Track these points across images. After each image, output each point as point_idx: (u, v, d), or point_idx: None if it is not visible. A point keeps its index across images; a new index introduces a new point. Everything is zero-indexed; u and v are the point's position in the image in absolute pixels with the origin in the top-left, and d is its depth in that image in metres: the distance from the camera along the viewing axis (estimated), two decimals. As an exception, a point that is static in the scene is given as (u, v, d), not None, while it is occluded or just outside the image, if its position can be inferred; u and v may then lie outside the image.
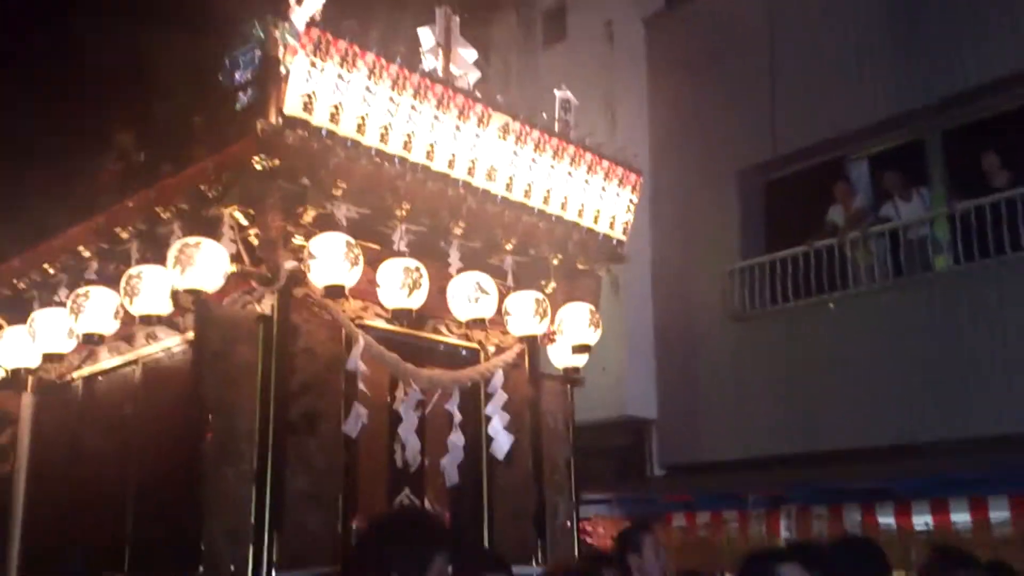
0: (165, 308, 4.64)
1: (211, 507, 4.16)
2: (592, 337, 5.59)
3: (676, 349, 10.15)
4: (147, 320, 4.59)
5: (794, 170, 10.03)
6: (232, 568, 4.13)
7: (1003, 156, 8.54)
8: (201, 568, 4.08)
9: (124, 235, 5.09)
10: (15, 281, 5.76)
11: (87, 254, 5.30)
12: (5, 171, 5.83)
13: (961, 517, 7.36)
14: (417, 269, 4.75)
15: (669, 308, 10.25)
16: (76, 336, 5.06)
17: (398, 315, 4.82)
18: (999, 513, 7.22)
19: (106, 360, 5.43)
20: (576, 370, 5.87)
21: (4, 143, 5.76)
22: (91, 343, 4.83)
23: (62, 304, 5.18)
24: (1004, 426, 7.66)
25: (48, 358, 5.11)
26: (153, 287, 4.58)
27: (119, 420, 5.17)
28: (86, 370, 5.53)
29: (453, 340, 5.40)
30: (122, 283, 4.66)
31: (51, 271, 5.55)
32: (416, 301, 4.75)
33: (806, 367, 9.06)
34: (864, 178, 9.74)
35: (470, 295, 5.00)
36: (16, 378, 5.59)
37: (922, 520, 7.47)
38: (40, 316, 5.11)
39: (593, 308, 5.61)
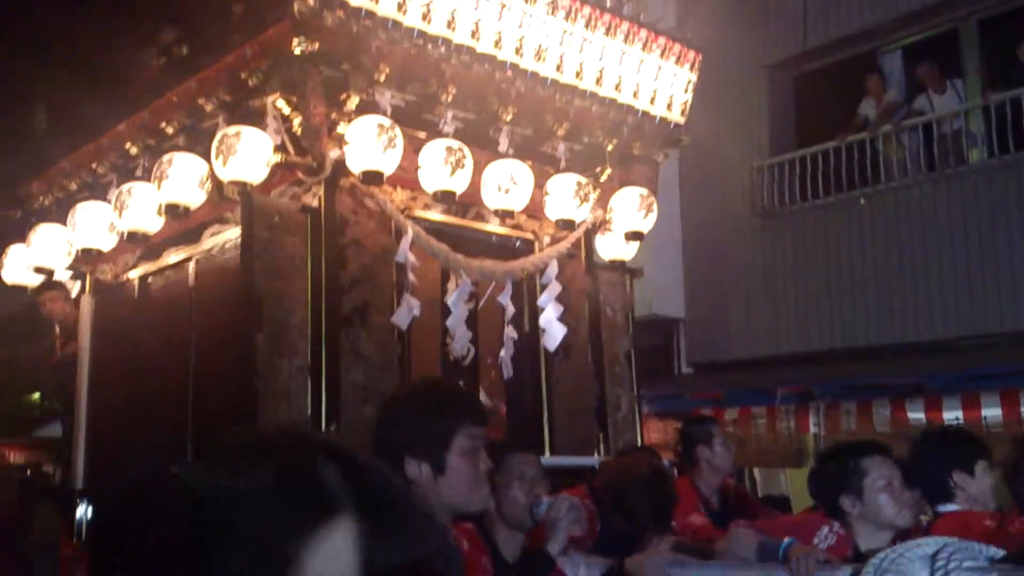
0: (195, 198, 4.53)
1: (266, 401, 4.14)
2: (645, 224, 5.37)
3: (704, 247, 10.00)
4: (174, 210, 4.49)
5: (824, 63, 9.71)
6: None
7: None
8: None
9: (169, 130, 4.99)
10: (65, 182, 5.74)
11: (134, 151, 5.23)
12: (50, 74, 5.74)
13: (992, 412, 7.24)
14: (460, 149, 4.56)
15: (696, 206, 10.03)
16: (119, 233, 5.01)
17: (441, 197, 4.66)
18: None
19: (161, 259, 5.41)
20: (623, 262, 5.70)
21: (47, 44, 5.65)
22: (136, 241, 4.78)
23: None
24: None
25: (86, 254, 5.05)
26: (183, 174, 4.46)
27: (177, 318, 5.16)
28: (141, 269, 5.52)
29: (505, 231, 5.24)
30: (153, 171, 4.55)
31: (100, 171, 5.50)
32: (459, 183, 4.57)
33: (836, 264, 8.97)
34: (897, 70, 9.49)
35: (501, 184, 4.79)
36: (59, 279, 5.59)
37: (953, 415, 7.36)
38: (82, 210, 5.05)
39: (645, 192, 5.37)
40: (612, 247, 5.65)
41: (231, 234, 4.85)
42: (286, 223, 4.43)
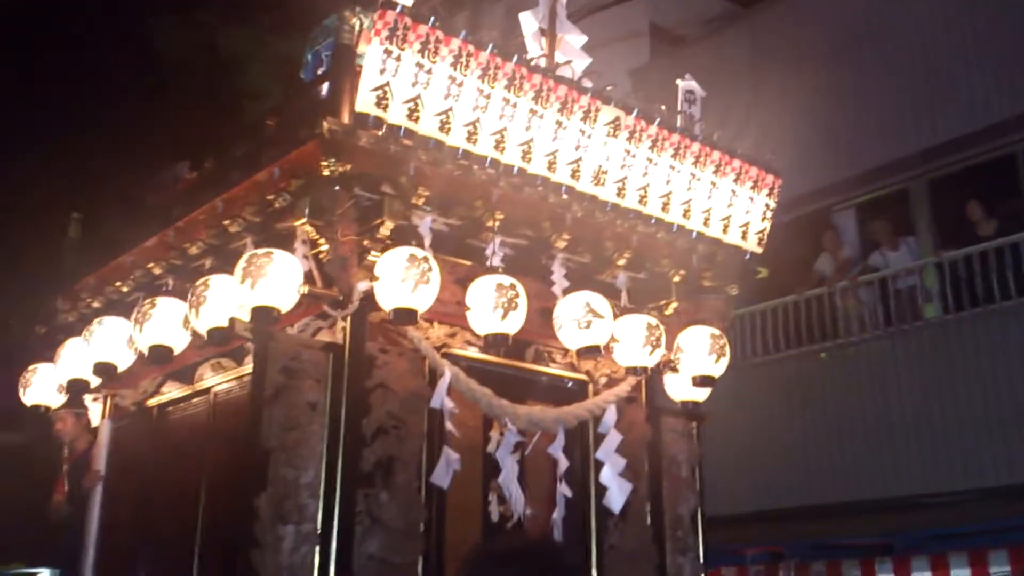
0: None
1: (267, 573, 3.56)
2: (716, 368, 4.72)
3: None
4: (215, 335, 4.00)
5: (782, 220, 9.24)
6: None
7: (988, 205, 8.75)
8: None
9: (194, 250, 4.59)
10: (90, 299, 5.38)
11: (159, 270, 4.84)
12: (81, 184, 5.49)
13: (961, 572, 7.26)
14: (512, 286, 4.02)
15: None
16: (138, 350, 4.56)
17: (492, 341, 4.09)
18: (999, 568, 7.12)
19: (179, 390, 4.96)
20: (696, 404, 5.02)
21: (80, 158, 5.40)
22: (158, 359, 4.30)
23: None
24: (1001, 478, 7.56)
25: (102, 368, 4.61)
26: (221, 297, 4.00)
27: (189, 457, 4.67)
28: (160, 398, 5.08)
29: (556, 370, 4.66)
30: (189, 295, 4.11)
31: (124, 289, 5.13)
32: (512, 324, 4.02)
33: (799, 418, 8.91)
34: (852, 228, 9.92)
35: (580, 319, 4.23)
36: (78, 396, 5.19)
37: (922, 576, 7.28)
38: (101, 325, 4.65)
39: (717, 332, 4.73)
40: (681, 388, 4.99)
41: (232, 373, 4.41)
42: (305, 364, 3.92)
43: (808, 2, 10.55)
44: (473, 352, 4.36)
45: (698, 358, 4.67)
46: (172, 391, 4.95)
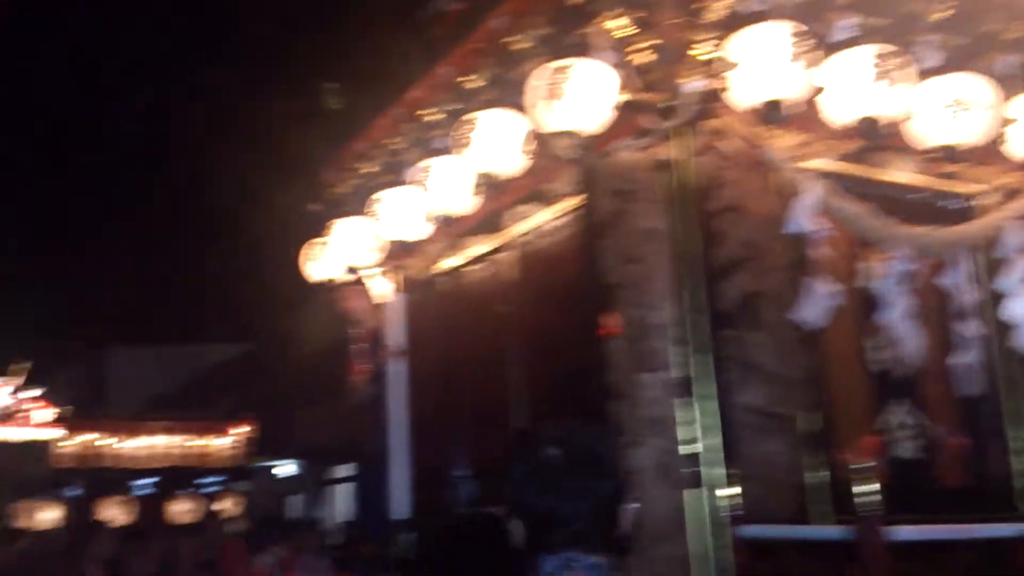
0: (516, 163, 3.41)
1: (629, 428, 2.93)
2: None
3: None
4: (487, 179, 3.37)
5: None
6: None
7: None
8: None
9: (471, 84, 3.95)
10: (361, 166, 4.94)
11: (433, 118, 4.27)
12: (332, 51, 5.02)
13: None
14: (893, 55, 3.04)
15: None
16: (429, 218, 4.05)
17: (863, 128, 3.11)
18: None
19: (470, 249, 4.42)
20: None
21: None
22: (446, 224, 3.77)
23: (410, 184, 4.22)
24: None
25: (394, 245, 4.15)
26: (501, 134, 3.35)
27: (493, 320, 4.14)
28: (452, 261, 4.58)
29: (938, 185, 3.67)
30: (456, 137, 3.50)
31: (398, 147, 4.62)
32: (887, 105, 3.06)
33: None
34: None
35: (943, 110, 3.21)
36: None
37: None
38: (384, 198, 4.19)
39: None
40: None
41: (547, 214, 3.74)
42: (635, 189, 3.20)
43: None
44: (831, 164, 3.46)
45: None
46: (469, 250, 4.41)
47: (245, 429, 14.86)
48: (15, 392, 16.19)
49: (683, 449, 2.99)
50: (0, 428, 15.68)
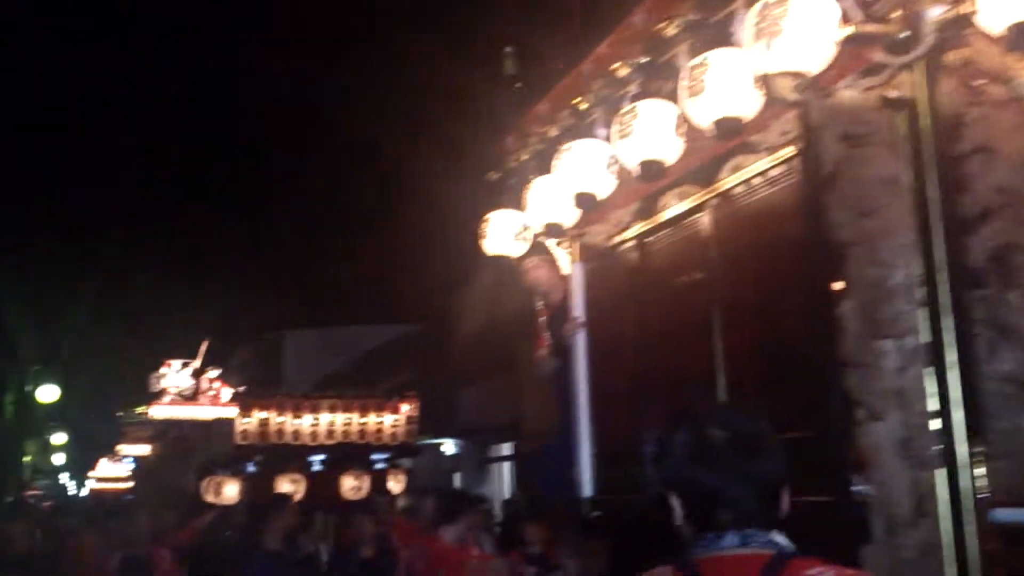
0: (749, 108, 3.11)
1: (865, 401, 2.62)
2: None
3: None
4: (727, 125, 3.08)
5: None
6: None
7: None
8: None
9: (670, 31, 3.68)
10: (543, 130, 4.77)
11: (623, 72, 4.03)
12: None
13: None
14: None
15: None
16: (622, 171, 3.80)
17: None
18: None
19: (663, 213, 4.17)
20: None
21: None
22: (649, 176, 3.53)
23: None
24: None
25: (584, 199, 3.93)
26: (727, 78, 3.07)
27: (689, 287, 3.88)
28: (639, 228, 4.34)
29: None
30: (679, 83, 3.23)
31: (584, 107, 4.41)
32: None
33: None
34: None
35: None
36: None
37: None
38: (571, 150, 3.98)
39: None
40: None
41: (761, 164, 3.42)
42: (866, 130, 2.86)
43: None
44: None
45: None
46: (661, 213, 4.16)
47: (410, 407, 15.18)
48: (195, 374, 17.20)
49: (927, 424, 2.66)
50: (191, 407, 16.70)
